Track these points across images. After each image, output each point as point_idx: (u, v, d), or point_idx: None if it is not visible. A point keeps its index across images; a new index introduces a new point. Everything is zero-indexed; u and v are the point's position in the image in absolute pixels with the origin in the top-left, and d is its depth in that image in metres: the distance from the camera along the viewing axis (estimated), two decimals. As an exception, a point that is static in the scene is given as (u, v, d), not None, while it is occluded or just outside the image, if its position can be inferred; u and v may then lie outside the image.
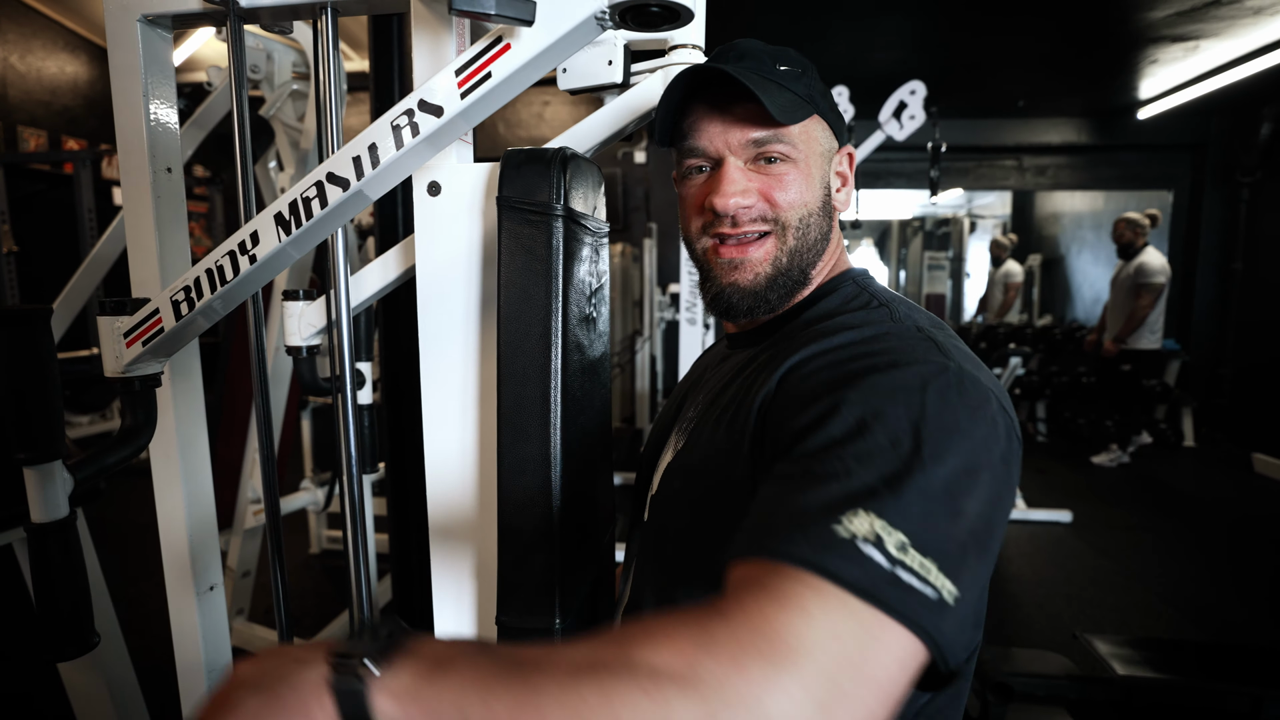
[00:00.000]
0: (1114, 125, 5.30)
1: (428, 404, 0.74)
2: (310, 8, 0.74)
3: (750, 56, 0.60)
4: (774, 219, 0.61)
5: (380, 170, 0.56)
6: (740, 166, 0.60)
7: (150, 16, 0.76)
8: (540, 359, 0.63)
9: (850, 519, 0.35)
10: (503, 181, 0.63)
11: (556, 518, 0.65)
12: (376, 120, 0.56)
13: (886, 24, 3.57)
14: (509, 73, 0.53)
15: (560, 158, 0.63)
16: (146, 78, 0.78)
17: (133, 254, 0.80)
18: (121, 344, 0.66)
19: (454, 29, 0.71)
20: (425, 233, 0.71)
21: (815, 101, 0.61)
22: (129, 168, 0.79)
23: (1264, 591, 2.74)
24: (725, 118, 0.59)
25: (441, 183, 0.70)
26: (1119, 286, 4.21)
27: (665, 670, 0.29)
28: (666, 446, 0.68)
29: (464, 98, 0.54)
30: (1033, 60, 4.10)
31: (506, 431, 0.64)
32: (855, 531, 0.34)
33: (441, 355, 0.72)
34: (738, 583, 0.35)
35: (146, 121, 0.78)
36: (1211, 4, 3.14)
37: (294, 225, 0.59)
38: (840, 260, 0.67)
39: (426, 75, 0.71)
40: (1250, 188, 5.01)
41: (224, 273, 0.62)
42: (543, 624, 0.65)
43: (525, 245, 0.62)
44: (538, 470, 0.64)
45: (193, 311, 0.63)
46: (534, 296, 0.63)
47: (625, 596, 0.70)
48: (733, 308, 0.63)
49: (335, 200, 0.58)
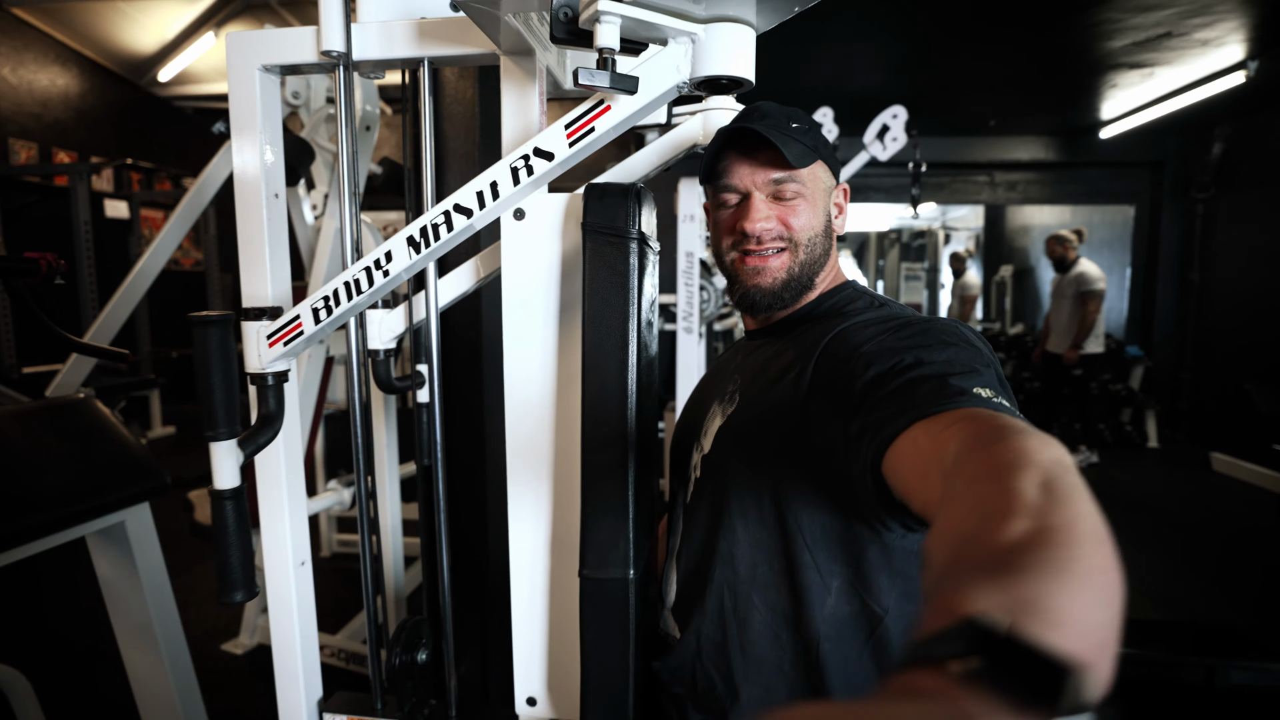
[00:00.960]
0: (1078, 144, 5.61)
1: (510, 391, 0.87)
2: (410, 61, 0.88)
3: (770, 116, 0.77)
4: (789, 239, 0.79)
5: (498, 203, 0.70)
6: (764, 199, 0.78)
7: (268, 66, 0.89)
8: (619, 355, 0.77)
9: (980, 388, 0.53)
10: (587, 210, 0.77)
11: (631, 488, 0.78)
12: (497, 163, 0.70)
13: (868, 49, 3.79)
14: (608, 128, 0.68)
15: (634, 191, 0.77)
16: (262, 117, 0.91)
17: (245, 268, 0.92)
18: (264, 345, 0.79)
19: (537, 83, 0.85)
20: (511, 250, 0.85)
21: (819, 150, 0.79)
22: (244, 194, 0.92)
23: (1220, 578, 2.96)
24: (752, 162, 0.78)
25: (526, 210, 0.84)
26: (1061, 297, 4.52)
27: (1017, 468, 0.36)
28: (710, 418, 0.84)
29: (571, 146, 0.68)
30: (1003, 83, 4.36)
31: (589, 415, 0.78)
32: (983, 393, 0.53)
33: (524, 350, 0.86)
34: (961, 423, 0.47)
35: (261, 154, 0.91)
36: (1163, 36, 3.40)
37: (423, 246, 0.72)
38: (838, 272, 0.87)
39: (513, 120, 0.86)
40: (1204, 203, 5.33)
41: (360, 285, 0.75)
42: (619, 574, 0.79)
43: (607, 262, 0.76)
44: (616, 449, 0.78)
45: (330, 318, 0.76)
46: (614, 304, 0.77)
47: (678, 541, 0.86)
48: (755, 304, 0.82)
49: (459, 227, 0.71)
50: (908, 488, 0.48)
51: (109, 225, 5.69)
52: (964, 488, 0.37)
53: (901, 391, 0.55)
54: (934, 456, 0.45)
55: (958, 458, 0.41)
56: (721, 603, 0.76)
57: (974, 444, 0.41)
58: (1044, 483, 0.34)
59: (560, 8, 0.64)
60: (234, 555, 0.76)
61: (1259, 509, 3.79)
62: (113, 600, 1.38)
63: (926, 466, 0.46)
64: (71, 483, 1.21)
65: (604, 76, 0.61)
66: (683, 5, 0.61)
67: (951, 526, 0.35)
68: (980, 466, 0.38)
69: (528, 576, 0.90)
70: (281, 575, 0.98)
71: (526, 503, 0.88)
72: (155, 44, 6.01)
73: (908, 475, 0.48)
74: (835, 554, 0.69)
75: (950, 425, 0.46)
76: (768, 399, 0.75)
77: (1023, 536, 0.30)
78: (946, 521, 0.35)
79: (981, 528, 0.32)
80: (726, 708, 0.74)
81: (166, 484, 1.35)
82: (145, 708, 1.44)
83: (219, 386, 0.71)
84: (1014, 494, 0.33)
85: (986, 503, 0.34)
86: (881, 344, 0.63)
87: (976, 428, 0.44)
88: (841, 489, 0.63)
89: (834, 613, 0.69)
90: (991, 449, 0.39)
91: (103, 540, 1.34)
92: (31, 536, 1.14)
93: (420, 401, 1.19)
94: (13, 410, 1.23)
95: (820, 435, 0.65)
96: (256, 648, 2.21)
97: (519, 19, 0.74)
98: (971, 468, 0.39)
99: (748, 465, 0.74)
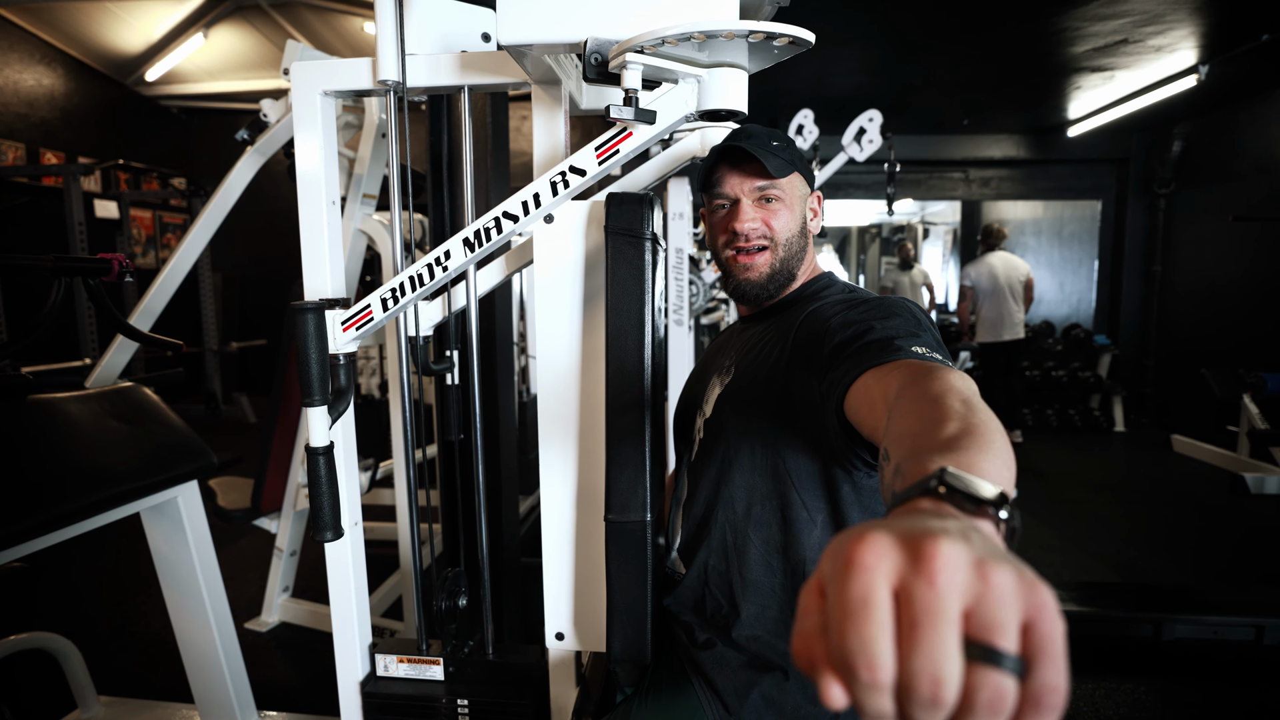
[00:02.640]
0: (1048, 142, 5.85)
1: (541, 370, 1.02)
2: (452, 88, 1.03)
3: (755, 136, 0.93)
4: (771, 239, 0.96)
5: (539, 210, 0.85)
6: (750, 204, 0.95)
7: (329, 91, 1.04)
8: (637, 336, 0.93)
9: (917, 347, 0.68)
10: (609, 215, 0.93)
11: (647, 445, 0.94)
12: (538, 178, 0.85)
13: (846, 53, 3.97)
14: (629, 150, 0.83)
15: (648, 199, 0.93)
16: (323, 135, 1.05)
17: (308, 264, 1.06)
18: (339, 329, 0.93)
19: (563, 105, 1.00)
20: (542, 249, 1.00)
21: (795, 164, 0.95)
22: (307, 200, 1.06)
23: (1175, 547, 3.19)
24: (740, 173, 0.94)
25: (555, 215, 0.99)
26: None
27: (945, 394, 0.53)
28: (710, 388, 1.01)
29: (600, 165, 0.84)
30: (975, 84, 4.57)
31: (613, 385, 0.94)
32: (919, 350, 0.68)
33: (553, 335, 1.01)
34: (900, 368, 0.63)
35: (323, 166, 1.05)
36: (1120, 42, 3.62)
37: (477, 246, 0.88)
38: (816, 265, 1.05)
39: (544, 141, 1.01)
40: (1166, 198, 5.60)
41: (423, 279, 0.90)
42: (638, 518, 0.95)
43: (626, 259, 0.92)
44: (635, 413, 0.94)
45: (396, 306, 0.90)
46: (633, 294, 0.93)
47: (684, 493, 1.02)
48: (746, 295, 0.99)
49: (507, 230, 0.87)
50: (860, 419, 0.65)
51: (99, 225, 5.72)
52: (909, 405, 0.53)
53: (859, 351, 0.72)
54: (880, 393, 0.61)
55: (900, 390, 0.57)
56: (724, 539, 0.93)
57: (911, 380, 0.58)
58: (963, 400, 0.52)
59: (592, 53, 0.79)
60: (325, 502, 0.91)
61: (1214, 486, 4.04)
62: (165, 572, 1.51)
63: (874, 401, 0.62)
64: (133, 461, 1.35)
65: (630, 111, 0.76)
66: (690, 54, 0.77)
67: (903, 430, 0.50)
68: (918, 391, 0.55)
69: (557, 527, 1.06)
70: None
71: (555, 464, 1.04)
72: (142, 44, 6.03)
73: (860, 408, 0.65)
74: (818, 493, 0.85)
75: (891, 371, 0.63)
76: (758, 368, 0.91)
77: (956, 432, 0.46)
78: (898, 427, 0.51)
79: (927, 429, 0.48)
80: (730, 623, 0.90)
81: (214, 463, 1.48)
82: (194, 672, 1.57)
83: (315, 361, 0.86)
84: (946, 407, 0.50)
85: (928, 414, 0.50)
86: (845, 318, 0.80)
87: (912, 370, 0.61)
88: (820, 437, 0.79)
89: (820, 541, 0.86)
90: (923, 382, 0.56)
91: (156, 515, 1.47)
92: (105, 509, 1.27)
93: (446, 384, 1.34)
94: (78, 395, 1.36)
95: (801, 393, 0.82)
96: (279, 625, 2.34)
97: (551, 56, 0.90)
98: (912, 393, 0.55)
99: (744, 423, 0.91)
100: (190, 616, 1.54)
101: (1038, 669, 0.25)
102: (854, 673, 0.25)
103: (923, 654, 0.25)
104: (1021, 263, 4.81)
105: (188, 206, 5.92)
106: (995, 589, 0.25)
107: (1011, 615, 0.25)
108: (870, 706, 0.26)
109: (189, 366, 5.86)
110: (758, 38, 0.70)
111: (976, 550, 0.27)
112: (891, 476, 0.47)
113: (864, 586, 0.26)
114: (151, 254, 6.51)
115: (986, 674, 0.25)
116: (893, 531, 0.28)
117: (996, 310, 4.72)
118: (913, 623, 0.25)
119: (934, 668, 0.24)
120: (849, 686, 0.26)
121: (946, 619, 0.25)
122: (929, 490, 0.35)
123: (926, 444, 0.46)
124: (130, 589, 2.65)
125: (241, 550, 3.02)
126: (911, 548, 0.27)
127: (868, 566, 0.26)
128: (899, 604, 0.26)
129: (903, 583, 0.26)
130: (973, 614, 0.25)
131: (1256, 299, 4.66)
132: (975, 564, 0.26)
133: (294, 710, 1.84)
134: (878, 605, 0.26)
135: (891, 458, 0.49)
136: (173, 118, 7.01)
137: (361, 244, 2.10)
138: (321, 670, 2.09)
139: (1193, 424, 4.98)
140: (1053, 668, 0.25)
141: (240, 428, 5.64)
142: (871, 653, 0.25)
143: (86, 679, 1.77)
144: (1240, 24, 3.43)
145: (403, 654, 1.15)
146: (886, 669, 0.25)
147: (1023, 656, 0.25)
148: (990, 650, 0.25)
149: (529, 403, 3.39)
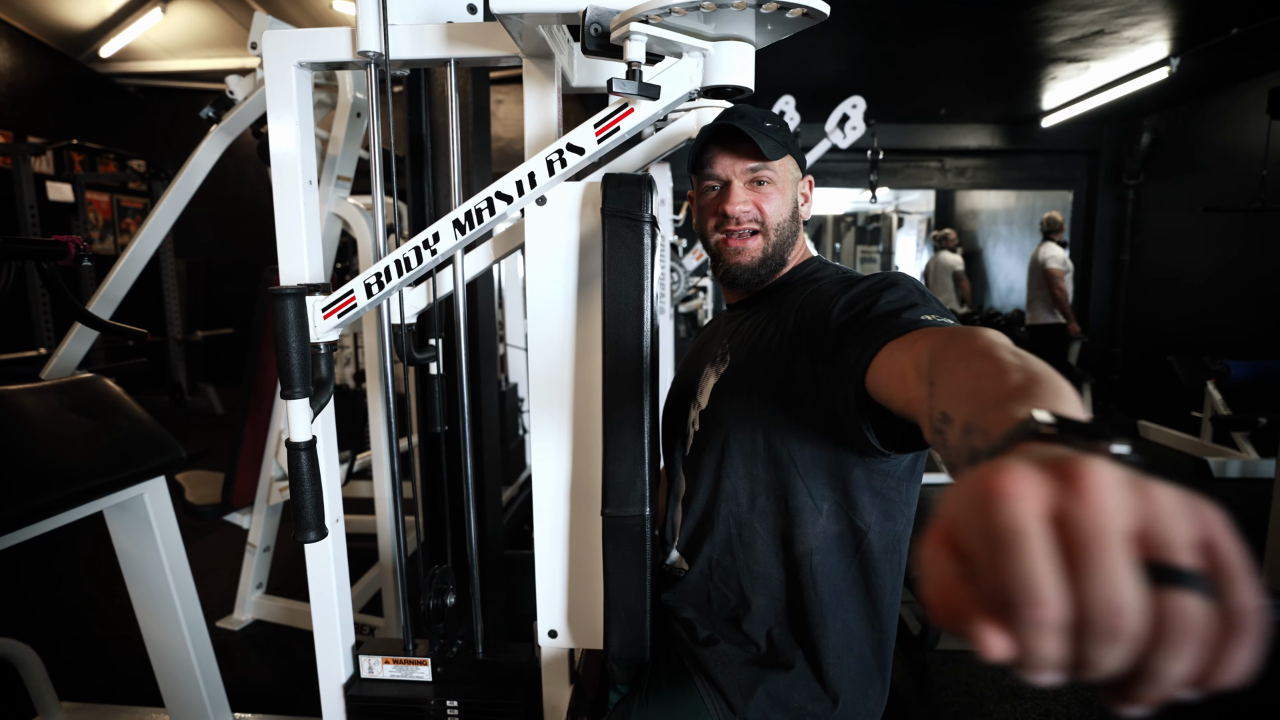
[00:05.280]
0: (1022, 132, 5.92)
1: (533, 357, 0.98)
2: (438, 61, 0.97)
3: (748, 117, 0.89)
4: (762, 223, 0.92)
5: (534, 190, 0.81)
6: (742, 186, 0.91)
7: (304, 63, 0.97)
8: (635, 322, 0.89)
9: (928, 315, 0.67)
10: (606, 197, 0.88)
11: (645, 437, 0.91)
12: (533, 156, 0.80)
13: (827, 41, 3.94)
14: (630, 127, 0.79)
15: (646, 180, 0.89)
16: (298, 111, 0.99)
17: (282, 248, 1.00)
18: (320, 317, 0.88)
19: (555, 81, 0.95)
20: (534, 232, 0.95)
21: (788, 146, 0.92)
22: (281, 180, 0.99)
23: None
24: (732, 154, 0.90)
25: (548, 197, 0.94)
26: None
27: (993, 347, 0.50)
28: (704, 379, 0.98)
29: (599, 143, 0.79)
30: (953, 74, 4.59)
31: (610, 373, 0.90)
32: (931, 318, 0.66)
33: (546, 318, 0.97)
34: (926, 335, 0.60)
35: (298, 145, 0.99)
36: (1096, 33, 3.66)
37: (468, 228, 0.83)
38: (806, 249, 1.02)
39: (535, 119, 0.96)
40: (1135, 189, 5.71)
41: (409, 263, 0.84)
42: (637, 512, 0.92)
43: (624, 242, 0.88)
44: (633, 403, 0.90)
45: (381, 292, 0.85)
46: (630, 278, 0.89)
47: (682, 489, 0.99)
48: (736, 280, 0.96)
49: (500, 211, 0.82)
50: (889, 393, 0.61)
51: (52, 209, 5.46)
52: (957, 365, 0.50)
53: (871, 325, 0.69)
54: (909, 362, 0.58)
55: (936, 354, 0.54)
56: (729, 533, 0.90)
57: (947, 341, 0.55)
58: (1013, 351, 0.49)
59: (591, 24, 0.75)
60: (308, 500, 0.86)
61: (1179, 470, 4.16)
62: (131, 571, 1.44)
63: (904, 371, 0.59)
64: (95, 456, 1.27)
65: (633, 85, 0.72)
66: (697, 25, 0.73)
67: (960, 388, 0.47)
68: (964, 350, 0.52)
69: (549, 521, 1.02)
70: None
71: (548, 457, 1.00)
72: (95, 18, 5.74)
73: (889, 381, 0.61)
74: (825, 480, 0.83)
75: (918, 340, 0.60)
76: (755, 355, 0.88)
77: (1025, 380, 0.43)
78: (951, 386, 0.48)
79: (992, 382, 0.45)
80: (740, 617, 0.88)
81: (182, 457, 1.41)
82: (164, 675, 1.51)
83: (295, 351, 0.81)
84: (1001, 360, 0.47)
85: (984, 370, 0.47)
86: (848, 297, 0.77)
87: (941, 334, 0.58)
88: (827, 419, 0.76)
89: (824, 530, 0.83)
90: (964, 341, 0.53)
91: (121, 514, 1.39)
92: (63, 508, 1.20)
93: (430, 374, 1.28)
94: (34, 387, 1.27)
95: (804, 376, 0.79)
96: (252, 623, 2.27)
97: (545, 27, 0.85)
98: (955, 353, 0.52)
99: (743, 412, 0.88)
100: (159, 617, 1.47)
101: (1230, 588, 0.22)
102: (1018, 613, 0.22)
103: (1098, 580, 0.21)
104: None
105: (148, 190, 5.70)
106: (1164, 506, 0.23)
107: (1188, 532, 0.22)
108: (1039, 652, 0.22)
109: (152, 357, 5.65)
110: (770, 8, 0.66)
111: (1128, 472, 0.24)
112: (960, 437, 0.44)
113: (1017, 515, 0.23)
114: (110, 239, 6.24)
115: (1174, 597, 0.21)
116: (1031, 459, 0.25)
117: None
118: (1079, 548, 0.22)
119: (1112, 595, 0.21)
120: (1013, 632, 0.23)
121: (1118, 540, 0.22)
122: (1033, 433, 0.31)
123: (999, 395, 0.42)
124: (90, 589, 2.54)
125: (211, 545, 2.92)
126: (1059, 472, 0.24)
127: (1017, 494, 0.23)
128: (1058, 532, 0.23)
129: (1059, 508, 0.23)
130: (1144, 534, 0.22)
131: (1222, 288, 4.79)
132: (1133, 483, 0.23)
133: (270, 711, 1.78)
134: (1036, 534, 0.22)
135: (955, 418, 0.46)
136: (130, 97, 6.71)
137: (336, 229, 2.01)
138: (299, 669, 2.02)
139: (1159, 410, 5.12)
140: (1245, 585, 0.22)
141: (207, 419, 5.46)
142: (1038, 586, 0.22)
143: (47, 685, 1.68)
144: (1211, 17, 3.48)
145: (388, 655, 1.11)
146: (1057, 603, 0.22)
147: (1208, 577, 0.22)
148: (1174, 570, 0.22)
149: (507, 392, 3.33)
